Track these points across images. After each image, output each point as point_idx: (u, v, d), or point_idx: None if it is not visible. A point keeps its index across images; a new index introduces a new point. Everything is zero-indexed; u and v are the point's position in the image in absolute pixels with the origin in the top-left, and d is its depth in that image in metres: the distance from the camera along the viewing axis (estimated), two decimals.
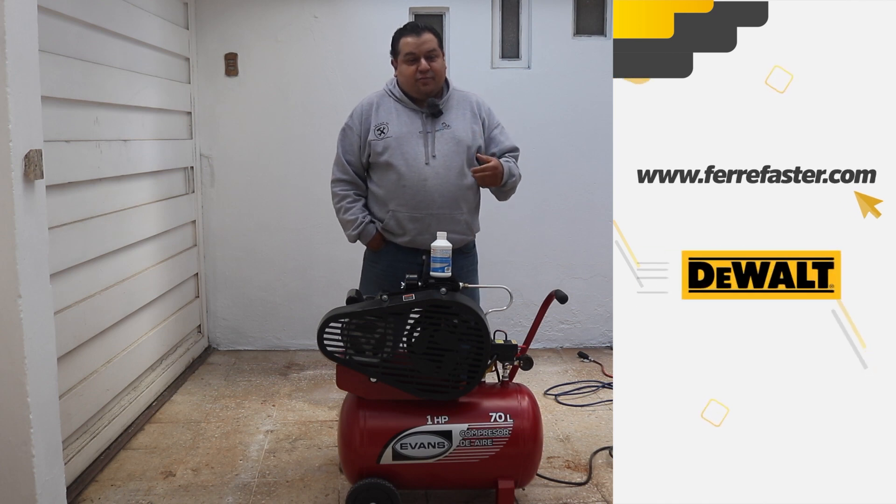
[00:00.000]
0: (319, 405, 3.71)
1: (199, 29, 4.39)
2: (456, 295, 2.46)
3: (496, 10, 4.50)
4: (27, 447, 2.10)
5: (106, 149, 3.17)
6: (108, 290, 3.19)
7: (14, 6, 1.98)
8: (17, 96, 2.00)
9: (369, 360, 2.45)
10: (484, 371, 2.49)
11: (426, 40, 2.72)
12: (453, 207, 2.75)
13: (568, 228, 4.61)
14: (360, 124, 2.81)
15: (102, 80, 3.15)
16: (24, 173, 2.03)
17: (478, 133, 2.81)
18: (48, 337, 2.21)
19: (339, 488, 2.82)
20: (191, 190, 4.36)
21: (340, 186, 2.86)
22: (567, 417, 3.55)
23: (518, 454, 2.49)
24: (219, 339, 4.66)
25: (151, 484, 2.86)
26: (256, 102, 4.47)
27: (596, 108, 4.41)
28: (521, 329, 3.24)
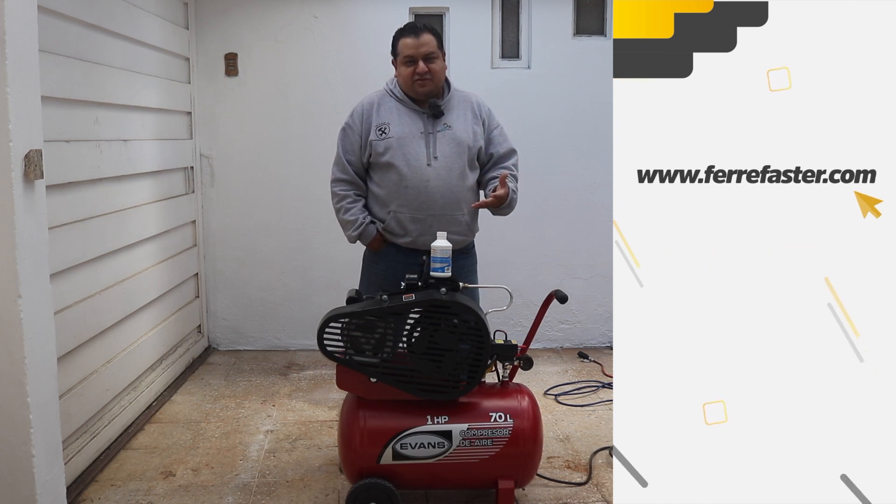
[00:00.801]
0: (319, 405, 3.71)
1: (199, 29, 4.40)
2: (456, 295, 2.46)
3: (496, 10, 4.50)
4: (27, 447, 2.10)
5: (106, 149, 3.17)
6: (108, 290, 3.19)
7: (14, 6, 1.98)
8: (17, 96, 2.00)
9: (369, 360, 2.46)
10: (484, 371, 2.49)
11: (424, 42, 2.72)
12: (454, 208, 2.75)
13: (568, 228, 4.61)
14: (361, 124, 2.81)
15: (102, 80, 3.15)
16: (24, 173, 2.03)
17: (479, 134, 2.81)
18: (48, 337, 2.21)
19: (339, 488, 2.82)
20: (191, 190, 4.36)
21: (340, 186, 2.85)
22: (567, 417, 3.55)
23: (518, 454, 2.49)
24: (219, 339, 4.66)
25: (151, 484, 2.86)
26: (256, 102, 4.47)
27: (596, 108, 4.41)
28: (521, 329, 3.24)
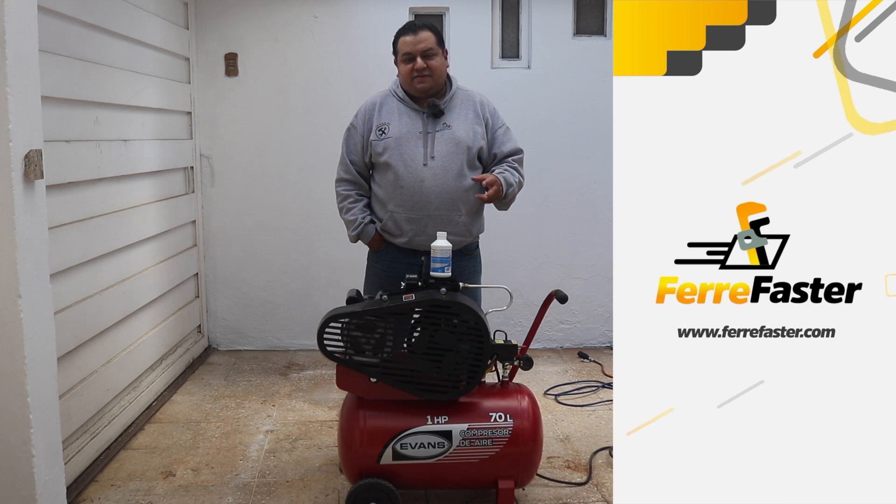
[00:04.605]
0: (319, 405, 3.71)
1: (199, 29, 4.40)
2: (456, 295, 2.46)
3: (496, 10, 4.50)
4: (27, 447, 2.10)
5: (106, 149, 3.17)
6: (108, 290, 3.19)
7: (14, 6, 1.97)
8: (17, 96, 2.00)
9: (369, 360, 2.46)
10: (484, 371, 2.49)
11: (422, 39, 2.72)
12: (451, 209, 2.74)
13: (568, 228, 4.61)
14: (364, 124, 2.81)
15: (102, 80, 3.15)
16: (24, 173, 2.03)
17: (479, 134, 2.80)
18: (48, 337, 2.21)
19: (339, 488, 2.82)
20: (191, 190, 4.36)
21: (343, 186, 2.86)
22: (567, 417, 3.55)
23: (518, 454, 2.49)
24: (219, 339, 4.66)
25: (151, 484, 2.86)
26: (256, 102, 4.47)
27: (596, 108, 4.41)
28: (521, 329, 3.25)
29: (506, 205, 2.85)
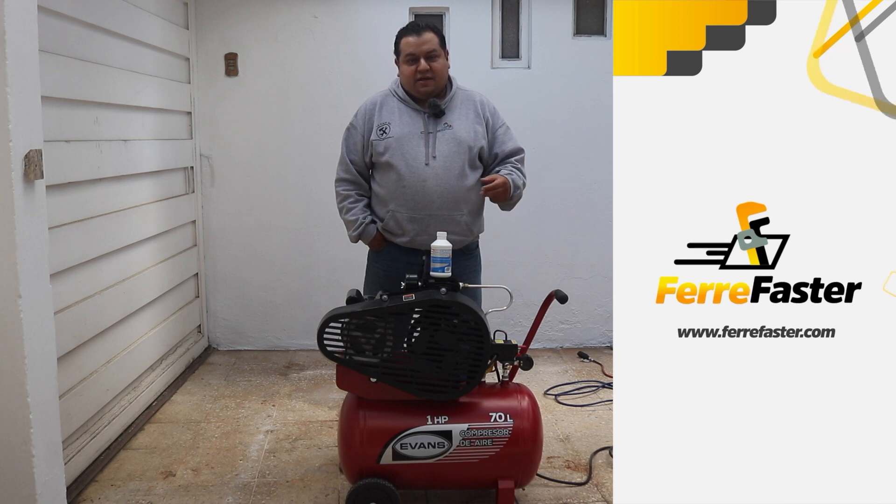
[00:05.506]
0: (319, 405, 3.71)
1: (199, 29, 4.39)
2: (456, 295, 2.46)
3: (496, 10, 4.50)
4: (27, 447, 2.10)
5: (106, 149, 3.17)
6: (108, 290, 3.19)
7: (14, 6, 1.97)
8: (17, 96, 2.00)
9: (369, 360, 2.46)
10: (484, 371, 2.49)
11: (426, 40, 2.72)
12: (452, 208, 2.75)
13: (568, 228, 4.61)
14: (364, 124, 2.81)
15: (102, 80, 3.15)
16: (24, 173, 2.03)
17: (480, 133, 2.80)
18: (48, 337, 2.21)
19: (339, 488, 2.82)
20: (191, 190, 4.36)
21: (343, 186, 2.86)
22: (567, 417, 3.55)
23: (518, 454, 2.49)
24: (219, 339, 4.66)
25: (151, 484, 2.86)
26: (256, 102, 4.47)
27: (596, 108, 4.41)
28: (521, 329, 3.24)
29: (510, 206, 2.86)
